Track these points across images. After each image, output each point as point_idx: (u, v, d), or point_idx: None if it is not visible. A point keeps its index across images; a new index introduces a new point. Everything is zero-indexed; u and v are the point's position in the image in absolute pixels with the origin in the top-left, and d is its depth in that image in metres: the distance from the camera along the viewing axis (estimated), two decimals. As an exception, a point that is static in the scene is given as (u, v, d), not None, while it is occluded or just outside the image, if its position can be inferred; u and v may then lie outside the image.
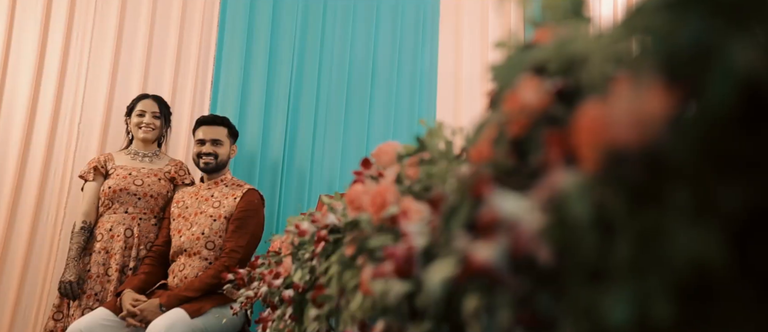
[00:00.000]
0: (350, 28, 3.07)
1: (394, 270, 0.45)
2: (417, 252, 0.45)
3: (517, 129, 0.34)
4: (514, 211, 0.28)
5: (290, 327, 1.25)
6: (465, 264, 0.29)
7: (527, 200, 0.29)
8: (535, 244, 0.29)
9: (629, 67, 0.23)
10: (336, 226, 1.04)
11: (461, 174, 0.42)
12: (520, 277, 0.30)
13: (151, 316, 2.10)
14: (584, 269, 0.25)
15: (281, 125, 2.93)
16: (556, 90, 0.34)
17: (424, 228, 0.48)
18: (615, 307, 0.22)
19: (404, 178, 0.72)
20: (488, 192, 0.29)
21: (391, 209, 0.64)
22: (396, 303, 0.47)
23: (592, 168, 0.25)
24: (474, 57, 3.07)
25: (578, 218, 0.25)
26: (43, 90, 2.81)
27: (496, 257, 0.29)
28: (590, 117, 0.25)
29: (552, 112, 0.34)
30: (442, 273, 0.30)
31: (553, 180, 0.28)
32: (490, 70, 0.46)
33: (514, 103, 0.35)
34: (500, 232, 0.29)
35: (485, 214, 0.30)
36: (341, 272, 0.78)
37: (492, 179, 0.31)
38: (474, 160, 0.43)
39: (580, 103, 0.31)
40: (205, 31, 3.00)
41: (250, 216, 2.37)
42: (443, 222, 0.42)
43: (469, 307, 0.36)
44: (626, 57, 0.24)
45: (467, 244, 0.30)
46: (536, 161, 0.33)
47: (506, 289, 0.31)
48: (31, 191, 2.71)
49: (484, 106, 0.53)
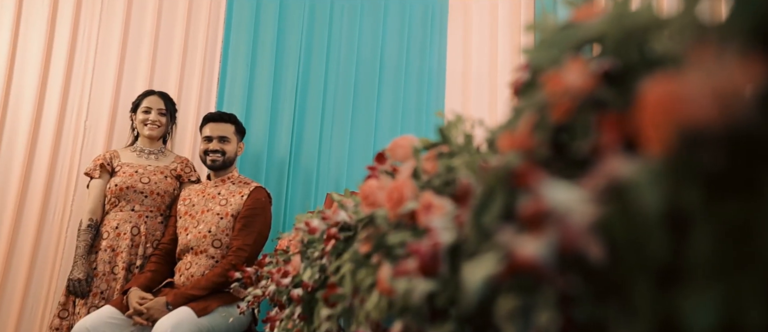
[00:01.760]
0: (358, 25, 3.04)
1: (418, 267, 0.42)
2: (443, 248, 0.42)
3: (561, 114, 0.31)
4: (565, 202, 0.25)
5: (299, 326, 1.22)
6: (509, 261, 0.26)
7: (579, 190, 0.26)
8: (586, 239, 0.26)
9: (710, 34, 0.20)
10: (347, 224, 1.01)
11: (495, 164, 0.39)
12: (568, 276, 0.27)
13: (157, 315, 2.08)
14: (653, 268, 0.22)
15: (288, 123, 2.90)
16: (604, 70, 0.31)
17: (449, 223, 0.45)
18: (697, 312, 0.19)
19: (421, 173, 0.69)
20: (535, 181, 0.26)
21: (409, 204, 0.61)
22: (420, 303, 0.44)
23: (661, 152, 0.22)
24: (483, 54, 3.04)
25: (647, 210, 0.22)
26: (49, 87, 2.80)
27: (544, 252, 0.26)
28: (659, 94, 0.22)
29: (599, 95, 0.31)
30: (483, 270, 0.27)
31: (609, 168, 0.25)
32: (524, 54, 0.43)
33: (556, 86, 0.31)
34: (548, 225, 0.26)
35: (531, 206, 0.27)
36: (355, 270, 0.75)
37: (547, 166, 0.28)
38: (506, 149, 0.40)
39: (636, 82, 0.28)
40: (211, 27, 2.98)
41: (257, 214, 2.35)
42: (473, 216, 0.39)
43: (504, 308, 0.33)
44: (706, 23, 0.21)
45: (511, 239, 0.27)
46: (583, 147, 0.30)
47: (552, 288, 0.28)
48: (37, 188, 2.69)
49: (509, 96, 0.50)
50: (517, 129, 0.35)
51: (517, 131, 0.37)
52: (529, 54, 0.42)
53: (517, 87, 0.49)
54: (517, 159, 0.37)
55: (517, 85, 0.49)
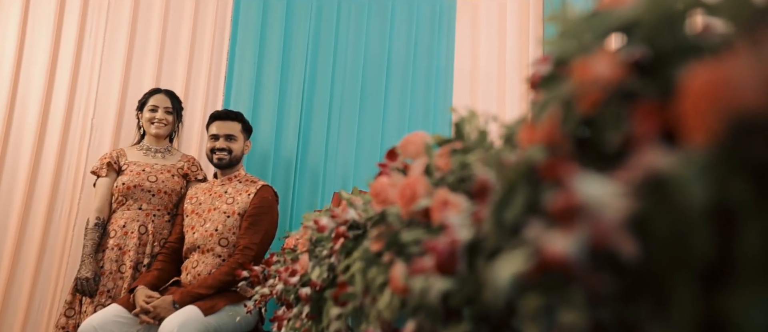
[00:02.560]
0: (365, 23, 3.02)
1: (435, 265, 0.41)
2: (461, 246, 0.41)
3: (589, 105, 0.30)
4: (597, 196, 0.24)
5: (307, 326, 1.21)
6: (538, 257, 0.25)
7: (612, 184, 0.25)
8: (619, 235, 0.25)
9: (761, 16, 0.19)
10: (356, 222, 1.00)
11: (515, 159, 0.37)
12: (599, 273, 0.26)
13: (164, 313, 2.07)
14: (695, 266, 0.21)
15: (295, 121, 2.89)
16: (635, 59, 0.30)
17: (467, 220, 0.43)
18: (749, 312, 0.18)
19: (434, 169, 0.68)
20: (566, 174, 0.25)
21: (422, 201, 0.60)
22: (436, 302, 0.42)
23: (706, 142, 0.20)
24: (491, 53, 3.02)
25: (690, 204, 0.20)
26: (56, 86, 2.80)
27: (575, 248, 0.25)
28: (705, 80, 0.20)
29: (630, 85, 0.30)
30: (511, 267, 0.25)
31: (646, 160, 0.24)
32: (545, 45, 0.41)
33: (584, 77, 0.30)
34: (579, 220, 0.25)
35: (562, 200, 0.25)
36: (365, 269, 0.74)
37: (572, 159, 0.26)
38: (527, 143, 0.38)
39: (673, 70, 0.26)
40: (218, 26, 2.98)
41: (264, 212, 2.34)
42: (493, 212, 0.38)
43: (528, 307, 0.32)
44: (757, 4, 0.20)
45: (539, 234, 0.26)
46: (613, 140, 0.29)
47: (582, 287, 0.27)
48: (44, 187, 2.69)
49: (525, 92, 0.49)
50: (541, 122, 0.33)
51: (540, 124, 0.35)
52: (551, 45, 0.41)
53: (537, 81, 0.48)
54: (540, 153, 0.36)
55: (535, 79, 0.48)
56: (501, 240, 0.36)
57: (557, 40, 0.42)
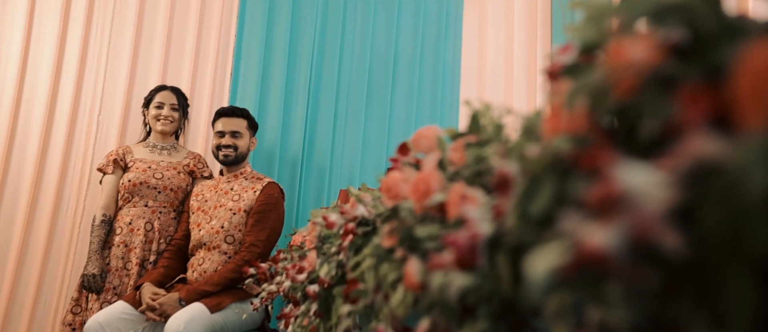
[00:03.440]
0: (371, 19, 3.00)
1: (455, 260, 0.40)
2: (482, 240, 0.39)
3: (624, 92, 0.28)
4: (642, 186, 0.23)
5: (315, 323, 1.20)
6: (576, 251, 0.24)
7: (657, 172, 0.23)
8: (662, 227, 0.23)
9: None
10: (365, 219, 0.99)
11: (538, 150, 0.36)
12: (644, 268, 0.24)
13: (170, 310, 2.06)
14: (754, 261, 0.19)
15: (301, 118, 2.88)
16: (674, 42, 0.28)
17: (487, 214, 0.42)
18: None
19: (447, 164, 0.66)
20: (606, 163, 0.24)
21: (436, 196, 0.58)
22: (455, 298, 0.41)
23: (766, 126, 0.19)
24: (499, 49, 3.00)
25: (749, 193, 0.19)
26: (62, 83, 2.79)
27: (615, 242, 0.24)
28: (763, 60, 0.19)
29: (668, 69, 0.28)
30: (548, 261, 0.24)
31: (695, 147, 0.22)
32: (568, 31, 0.40)
33: (619, 61, 0.29)
34: (620, 212, 0.24)
35: (601, 190, 0.24)
36: (377, 265, 0.73)
37: (613, 146, 0.25)
38: (552, 134, 0.37)
39: (717, 51, 0.25)
40: (224, 22, 2.96)
41: (270, 209, 2.33)
42: (517, 205, 0.36)
43: (556, 304, 0.31)
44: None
45: (576, 227, 0.24)
46: (651, 127, 0.28)
47: (622, 282, 0.25)
48: (50, 184, 2.69)
49: (532, 89, 0.47)
50: (569, 111, 0.32)
51: (567, 113, 0.34)
52: (577, 31, 0.39)
53: (557, 71, 0.46)
54: (567, 143, 0.34)
55: (556, 69, 0.46)
56: (527, 235, 0.35)
57: (583, 26, 0.40)
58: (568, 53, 0.45)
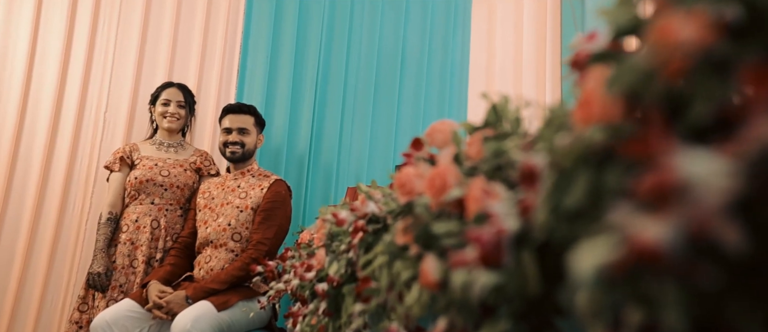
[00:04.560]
0: (379, 16, 2.98)
1: (479, 257, 0.38)
2: (508, 236, 0.37)
3: (674, 73, 0.26)
4: (703, 175, 0.20)
5: (324, 322, 1.18)
6: (628, 246, 0.21)
7: (719, 160, 0.21)
8: (723, 221, 0.21)
9: None
10: (375, 216, 0.96)
11: (572, 140, 0.34)
12: (703, 265, 0.22)
13: (177, 308, 2.05)
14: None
15: (308, 115, 2.86)
16: (727, 20, 0.26)
17: (512, 209, 0.40)
18: None
19: (464, 158, 0.64)
20: (662, 150, 0.22)
21: (453, 191, 0.56)
22: (479, 297, 0.39)
23: None
24: (507, 47, 2.97)
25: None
26: (69, 80, 2.79)
27: (671, 237, 0.21)
28: None
29: (720, 50, 0.26)
30: (595, 257, 0.22)
31: (763, 131, 0.20)
32: (602, 15, 0.38)
33: (667, 42, 0.26)
34: (677, 204, 0.21)
35: (655, 180, 0.22)
36: (390, 263, 0.71)
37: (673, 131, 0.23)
38: (584, 124, 0.35)
39: None
40: (231, 19, 2.95)
41: (277, 207, 2.31)
42: (548, 199, 0.34)
43: (594, 303, 0.28)
44: None
45: (627, 220, 0.22)
46: (704, 111, 0.25)
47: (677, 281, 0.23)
48: (57, 181, 2.69)
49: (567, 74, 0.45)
50: (609, 98, 0.30)
51: (604, 101, 0.32)
52: (609, 15, 0.37)
53: (583, 60, 0.44)
54: (602, 133, 0.32)
55: (582, 58, 0.44)
56: (558, 230, 0.32)
57: (616, 9, 0.38)
58: (595, 41, 0.43)
